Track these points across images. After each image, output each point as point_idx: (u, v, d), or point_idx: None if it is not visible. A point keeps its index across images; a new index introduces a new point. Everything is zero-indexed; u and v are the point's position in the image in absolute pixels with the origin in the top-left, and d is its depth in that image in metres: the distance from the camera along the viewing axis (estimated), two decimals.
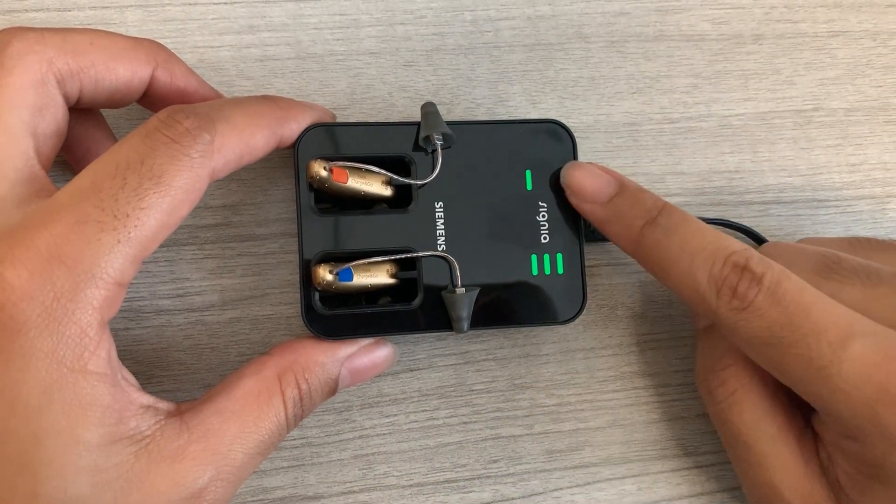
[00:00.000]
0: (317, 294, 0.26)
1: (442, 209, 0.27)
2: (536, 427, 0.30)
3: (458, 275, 0.26)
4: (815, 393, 0.23)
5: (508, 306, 0.27)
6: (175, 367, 0.28)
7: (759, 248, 0.29)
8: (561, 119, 0.28)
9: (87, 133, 0.27)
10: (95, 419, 0.20)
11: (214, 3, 0.30)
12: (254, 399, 0.23)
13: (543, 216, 0.28)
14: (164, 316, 0.29)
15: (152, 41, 0.25)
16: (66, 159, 0.27)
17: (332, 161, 0.25)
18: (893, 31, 0.34)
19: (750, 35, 0.33)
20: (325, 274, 0.25)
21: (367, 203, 0.27)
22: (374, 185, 0.26)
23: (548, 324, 0.27)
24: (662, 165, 0.32)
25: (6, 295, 0.19)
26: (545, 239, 0.27)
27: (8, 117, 0.22)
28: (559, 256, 0.27)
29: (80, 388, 0.20)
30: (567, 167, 0.27)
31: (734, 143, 0.32)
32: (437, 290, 0.26)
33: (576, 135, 0.28)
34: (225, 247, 0.29)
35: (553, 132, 0.28)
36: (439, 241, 0.27)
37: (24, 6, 0.29)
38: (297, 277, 0.28)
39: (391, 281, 0.26)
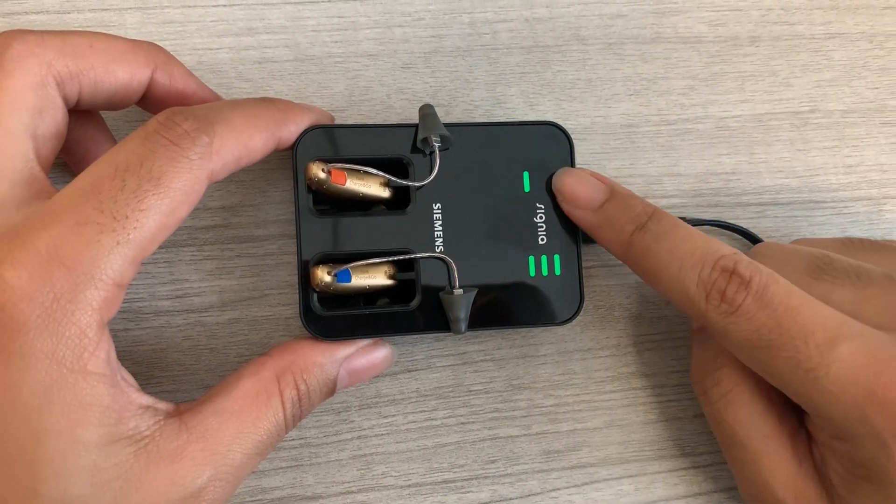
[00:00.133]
0: (315, 295, 0.26)
1: (440, 211, 0.27)
2: (534, 427, 0.30)
3: (456, 276, 0.27)
4: (804, 395, 0.23)
5: (506, 307, 0.27)
6: (174, 368, 0.29)
7: (752, 248, 0.29)
8: (558, 121, 0.28)
9: (86, 135, 0.27)
10: (95, 419, 0.20)
11: (213, 6, 0.30)
12: (252, 400, 0.23)
13: (541, 218, 0.28)
14: (164, 317, 0.29)
15: (151, 43, 0.25)
16: (66, 161, 0.27)
17: (331, 163, 0.25)
18: (890, 34, 0.34)
19: (746, 37, 0.33)
20: (323, 275, 0.25)
21: (365, 205, 0.27)
22: (373, 186, 0.26)
23: (545, 325, 0.28)
24: (659, 167, 0.32)
25: (6, 296, 0.19)
26: (542, 240, 0.28)
27: (8, 119, 0.22)
28: (556, 258, 0.28)
29: (80, 389, 0.20)
30: (558, 174, 0.27)
31: (731, 144, 0.32)
32: (435, 291, 0.27)
33: (573, 137, 0.28)
34: (224, 248, 0.29)
35: (551, 134, 0.28)
36: (437, 243, 0.27)
37: (24, 8, 0.29)
38: (295, 278, 0.28)
39: (389, 282, 0.26)
